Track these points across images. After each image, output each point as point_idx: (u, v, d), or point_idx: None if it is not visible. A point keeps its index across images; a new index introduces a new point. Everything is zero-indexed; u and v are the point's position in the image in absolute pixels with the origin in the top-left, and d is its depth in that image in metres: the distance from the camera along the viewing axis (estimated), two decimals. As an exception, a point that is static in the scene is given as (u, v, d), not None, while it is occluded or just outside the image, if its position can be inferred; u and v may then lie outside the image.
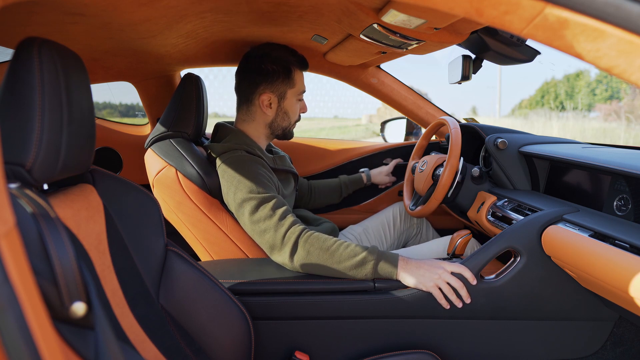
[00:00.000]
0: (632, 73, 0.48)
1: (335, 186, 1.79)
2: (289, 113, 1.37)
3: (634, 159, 1.01)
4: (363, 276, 1.05)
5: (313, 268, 1.07)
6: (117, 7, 0.85)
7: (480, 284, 1.06)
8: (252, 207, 1.15)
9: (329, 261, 1.06)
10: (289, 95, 1.35)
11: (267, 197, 1.16)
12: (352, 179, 1.83)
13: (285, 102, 1.35)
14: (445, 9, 0.51)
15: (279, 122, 1.37)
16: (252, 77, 1.33)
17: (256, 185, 1.18)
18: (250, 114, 1.36)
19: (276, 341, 1.07)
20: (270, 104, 1.34)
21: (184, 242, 1.36)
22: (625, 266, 0.78)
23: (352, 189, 1.82)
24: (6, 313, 0.34)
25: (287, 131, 1.41)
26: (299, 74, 1.37)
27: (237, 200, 1.18)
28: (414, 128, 2.17)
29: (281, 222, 1.13)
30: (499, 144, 1.39)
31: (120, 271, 0.77)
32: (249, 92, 1.34)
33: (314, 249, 1.07)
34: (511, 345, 1.11)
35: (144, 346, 0.76)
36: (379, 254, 1.06)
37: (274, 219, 1.13)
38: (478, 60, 1.46)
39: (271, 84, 1.32)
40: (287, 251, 1.09)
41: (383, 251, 1.08)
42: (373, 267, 1.05)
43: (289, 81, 1.33)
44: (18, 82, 0.61)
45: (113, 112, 7.27)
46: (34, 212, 0.49)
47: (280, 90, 1.33)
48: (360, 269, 1.05)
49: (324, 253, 1.06)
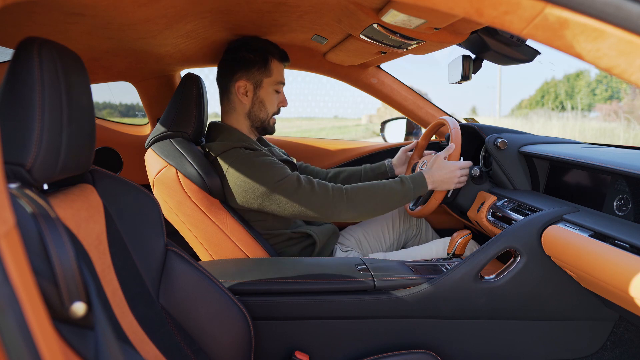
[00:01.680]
0: (632, 73, 0.48)
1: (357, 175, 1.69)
2: (264, 103, 1.37)
3: (634, 159, 1.01)
4: (407, 202, 1.32)
5: (368, 212, 1.27)
6: (117, 7, 0.85)
7: (480, 284, 1.06)
8: (288, 189, 1.21)
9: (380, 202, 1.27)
10: (265, 84, 1.35)
11: (293, 176, 1.24)
12: (374, 168, 1.70)
13: (261, 90, 1.35)
14: (445, 9, 0.51)
15: (256, 112, 1.37)
16: (229, 66, 1.36)
17: (277, 171, 1.24)
18: (230, 104, 1.38)
19: (276, 341, 1.07)
20: (247, 92, 1.35)
21: (184, 242, 1.36)
22: (625, 266, 0.78)
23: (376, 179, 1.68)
24: (6, 313, 0.34)
25: (265, 123, 1.40)
26: (277, 65, 1.37)
27: (266, 194, 1.22)
28: (414, 128, 2.17)
29: (320, 188, 1.24)
30: (499, 144, 1.39)
31: (120, 271, 0.77)
32: (227, 81, 1.36)
33: (362, 199, 1.26)
34: (511, 345, 1.11)
35: (144, 346, 0.76)
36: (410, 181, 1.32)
37: (315, 188, 1.24)
38: (478, 60, 1.46)
39: (247, 72, 1.33)
40: (344, 207, 1.23)
41: (409, 177, 1.33)
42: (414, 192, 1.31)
43: (265, 70, 1.34)
44: (18, 82, 0.61)
45: (113, 112, 7.26)
46: (34, 212, 0.49)
47: (257, 79, 1.34)
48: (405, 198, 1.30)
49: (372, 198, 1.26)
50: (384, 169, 1.70)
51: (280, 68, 1.38)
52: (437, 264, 1.20)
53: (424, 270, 1.14)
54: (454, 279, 1.06)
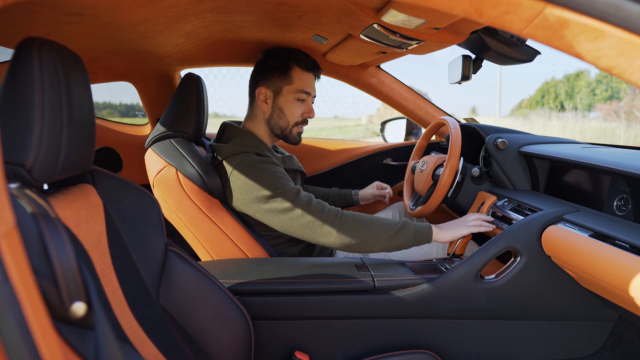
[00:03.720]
0: (632, 73, 0.48)
1: (325, 196, 1.71)
2: (284, 110, 1.36)
3: (634, 159, 1.01)
4: (403, 245, 1.19)
5: (358, 245, 1.18)
6: (117, 7, 0.85)
7: (480, 284, 1.06)
8: (284, 201, 1.19)
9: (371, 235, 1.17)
10: (285, 91, 1.35)
11: (293, 189, 1.21)
12: (342, 192, 1.74)
13: (280, 98, 1.35)
14: (445, 9, 0.51)
15: (276, 120, 1.37)
16: (255, 72, 1.39)
17: (278, 181, 1.22)
18: (253, 109, 1.40)
19: (276, 341, 1.07)
20: (267, 99, 1.36)
21: (184, 242, 1.36)
22: (625, 266, 0.78)
23: (341, 203, 1.73)
24: (6, 313, 0.34)
25: (286, 132, 1.39)
26: (301, 73, 1.36)
27: (262, 201, 1.20)
28: (414, 128, 2.17)
29: (316, 207, 1.19)
30: (499, 144, 1.39)
31: (120, 271, 0.77)
32: (251, 87, 1.40)
33: (354, 227, 1.17)
34: (511, 345, 1.11)
35: (144, 346, 0.76)
36: (413, 226, 1.20)
37: (310, 206, 1.19)
38: (478, 60, 1.46)
39: (268, 79, 1.35)
40: (333, 232, 1.17)
41: (414, 223, 1.21)
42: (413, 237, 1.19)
43: (285, 77, 1.34)
44: (18, 82, 0.61)
45: (113, 112, 7.27)
46: (34, 212, 0.49)
47: (277, 86, 1.35)
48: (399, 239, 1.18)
49: (364, 229, 1.17)
50: (349, 198, 1.73)
51: (304, 77, 1.36)
52: (437, 264, 1.20)
53: (424, 270, 1.14)
54: (454, 279, 1.06)
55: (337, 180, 2.06)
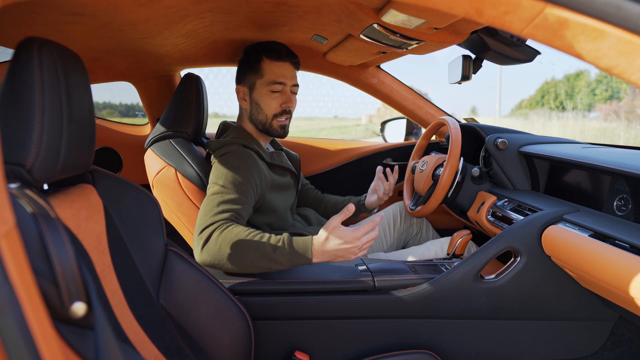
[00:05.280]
0: (632, 73, 0.48)
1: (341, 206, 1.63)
2: (260, 104, 1.34)
3: (634, 159, 1.01)
4: (278, 268, 1.02)
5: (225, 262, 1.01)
6: (117, 7, 0.85)
7: (480, 284, 1.06)
8: (212, 192, 1.13)
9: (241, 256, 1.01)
10: (258, 85, 1.34)
11: (231, 191, 1.13)
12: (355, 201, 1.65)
13: (255, 92, 1.35)
14: (445, 9, 0.51)
15: (255, 115, 1.36)
16: (236, 73, 1.41)
17: (232, 177, 1.15)
18: (240, 108, 1.41)
19: (276, 341, 1.07)
20: (245, 95, 1.37)
21: (184, 242, 1.36)
22: (625, 266, 0.78)
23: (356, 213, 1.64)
24: (6, 313, 0.34)
25: (267, 126, 1.35)
26: (271, 64, 1.32)
27: (210, 186, 1.15)
28: (414, 128, 2.17)
29: (217, 212, 1.07)
30: (499, 144, 1.39)
31: (120, 271, 0.77)
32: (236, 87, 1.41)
33: (226, 243, 1.01)
34: (511, 345, 1.11)
35: (144, 346, 0.76)
36: (287, 247, 1.01)
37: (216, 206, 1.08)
38: (478, 60, 1.46)
39: (243, 76, 1.36)
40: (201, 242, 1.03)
41: (295, 241, 1.03)
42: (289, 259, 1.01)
43: (256, 71, 1.33)
44: (18, 82, 0.61)
45: (113, 112, 7.26)
46: (34, 212, 0.49)
47: (250, 81, 1.35)
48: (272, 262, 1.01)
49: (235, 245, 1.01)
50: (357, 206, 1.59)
51: (275, 67, 1.33)
52: (437, 264, 1.20)
53: (424, 270, 1.14)
54: (454, 279, 1.06)
55: (337, 180, 2.06)
